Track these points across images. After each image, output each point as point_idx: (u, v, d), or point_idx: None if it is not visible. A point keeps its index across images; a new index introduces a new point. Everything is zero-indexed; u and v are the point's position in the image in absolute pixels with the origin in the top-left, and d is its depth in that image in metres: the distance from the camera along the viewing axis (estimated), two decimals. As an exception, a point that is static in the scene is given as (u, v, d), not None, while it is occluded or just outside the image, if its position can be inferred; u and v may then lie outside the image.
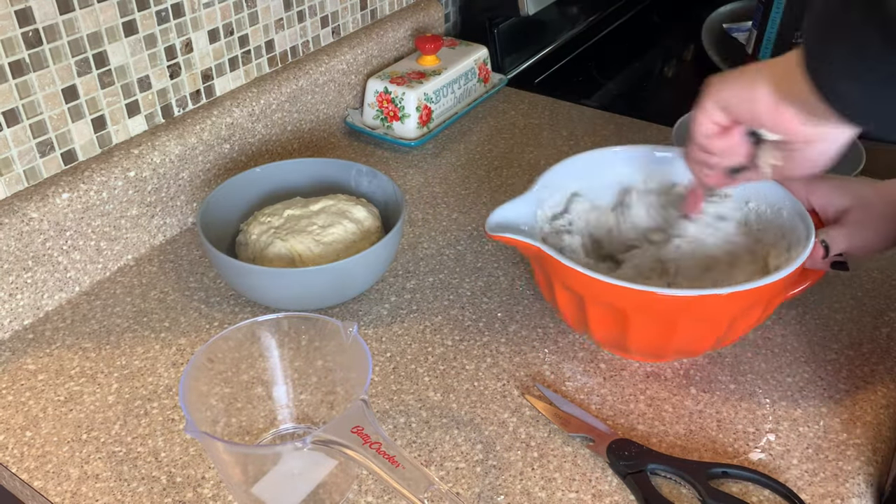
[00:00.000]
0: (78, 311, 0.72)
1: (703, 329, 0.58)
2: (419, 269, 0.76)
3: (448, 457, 0.57)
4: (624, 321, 0.57)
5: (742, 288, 0.54)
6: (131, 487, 0.56)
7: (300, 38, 0.94)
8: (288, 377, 0.59)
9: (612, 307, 0.57)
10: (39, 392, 0.63)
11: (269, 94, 0.89)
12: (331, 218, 0.72)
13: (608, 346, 0.65)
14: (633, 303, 0.55)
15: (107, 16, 0.71)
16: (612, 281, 0.54)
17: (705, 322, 0.57)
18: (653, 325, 0.57)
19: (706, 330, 0.58)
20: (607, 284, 0.55)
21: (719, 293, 0.54)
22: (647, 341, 0.59)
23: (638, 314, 0.56)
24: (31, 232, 0.68)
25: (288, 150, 0.94)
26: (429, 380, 0.64)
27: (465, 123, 1.02)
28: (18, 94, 0.67)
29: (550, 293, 0.62)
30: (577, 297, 0.58)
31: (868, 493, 0.55)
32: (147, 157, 0.76)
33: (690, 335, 0.58)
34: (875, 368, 0.64)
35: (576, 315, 0.61)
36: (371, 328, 0.69)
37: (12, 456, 0.58)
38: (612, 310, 0.57)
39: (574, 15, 1.29)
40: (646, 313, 0.56)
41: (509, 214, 0.62)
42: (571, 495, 0.54)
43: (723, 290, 0.54)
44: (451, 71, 1.00)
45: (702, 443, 0.58)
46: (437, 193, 0.88)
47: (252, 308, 0.72)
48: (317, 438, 0.46)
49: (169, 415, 0.61)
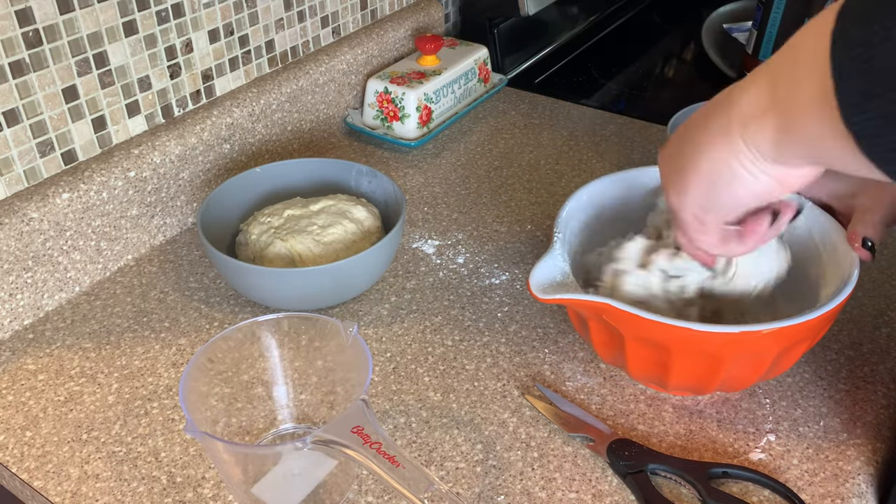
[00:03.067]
0: (78, 311, 0.72)
1: (749, 364, 0.55)
2: (419, 269, 0.76)
3: (448, 457, 0.57)
4: (667, 359, 0.55)
5: (799, 321, 0.51)
6: (131, 487, 0.56)
7: (300, 38, 0.94)
8: (288, 377, 0.59)
9: (700, 354, 0.53)
10: (39, 392, 0.63)
11: (269, 95, 0.89)
12: (331, 218, 0.72)
13: (645, 381, 0.63)
14: (675, 339, 0.52)
15: (107, 16, 0.71)
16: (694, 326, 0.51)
17: (751, 357, 0.54)
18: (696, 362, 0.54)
19: (752, 365, 0.55)
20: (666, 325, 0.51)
21: (765, 329, 0.51)
22: (688, 378, 0.57)
23: (681, 353, 0.54)
24: (31, 232, 0.68)
25: (288, 150, 0.94)
26: (429, 380, 0.64)
27: (465, 123, 1.02)
28: (18, 94, 0.67)
29: (586, 329, 0.59)
30: (656, 346, 0.54)
31: (868, 493, 0.55)
32: (147, 157, 0.76)
33: (736, 371, 0.55)
34: (875, 368, 0.64)
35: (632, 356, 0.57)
36: (371, 328, 0.69)
37: (12, 456, 0.58)
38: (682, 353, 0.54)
39: (574, 15, 1.29)
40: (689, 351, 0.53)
41: (546, 272, 0.57)
42: (571, 495, 0.54)
43: (769, 326, 0.51)
44: (451, 71, 1.00)
45: (702, 443, 0.58)
46: (437, 193, 0.88)
47: (252, 308, 0.72)
48: (317, 438, 0.46)
49: (169, 415, 0.61)
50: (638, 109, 1.05)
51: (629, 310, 0.52)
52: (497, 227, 0.82)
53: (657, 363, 0.56)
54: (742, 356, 0.53)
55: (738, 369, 0.55)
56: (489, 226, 0.82)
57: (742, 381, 0.57)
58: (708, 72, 1.19)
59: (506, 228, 0.82)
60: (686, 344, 0.53)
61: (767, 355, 0.54)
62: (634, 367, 0.58)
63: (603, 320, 0.55)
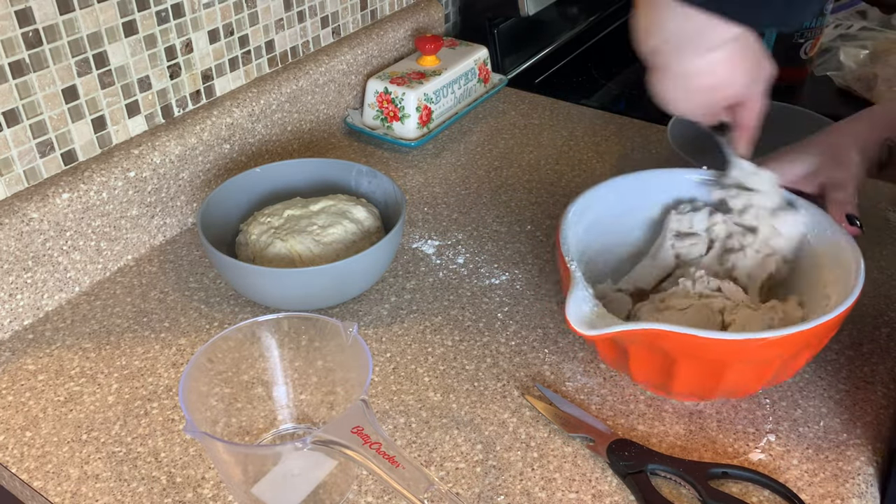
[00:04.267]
0: (78, 312, 0.72)
1: (753, 371, 0.55)
2: (419, 269, 0.76)
3: (448, 457, 0.57)
4: (672, 367, 0.55)
5: (804, 327, 0.51)
6: (131, 488, 0.56)
7: (300, 39, 0.94)
8: (288, 377, 0.59)
9: (708, 361, 0.53)
10: (39, 392, 0.63)
11: (269, 95, 0.89)
12: (331, 218, 0.72)
13: (650, 387, 0.62)
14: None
15: (107, 16, 0.71)
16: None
17: (756, 364, 0.54)
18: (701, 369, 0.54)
19: (756, 372, 0.55)
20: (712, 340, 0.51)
21: (771, 336, 0.51)
22: (693, 384, 0.57)
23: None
24: (31, 232, 0.68)
25: (288, 151, 0.94)
26: (429, 380, 0.64)
27: (465, 123, 1.02)
28: (18, 94, 0.67)
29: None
30: (660, 352, 0.54)
31: (868, 493, 0.55)
32: (147, 158, 0.76)
33: (739, 378, 0.55)
34: (875, 368, 0.64)
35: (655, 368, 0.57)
36: (371, 328, 0.69)
37: (12, 456, 0.58)
38: (706, 363, 0.54)
39: (574, 15, 1.29)
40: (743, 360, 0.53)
41: (579, 308, 0.55)
42: (571, 495, 0.54)
43: (775, 333, 0.51)
44: (451, 71, 1.00)
45: (702, 443, 0.58)
46: (437, 193, 0.88)
47: (252, 308, 0.72)
48: (317, 438, 0.46)
49: (169, 415, 0.61)
50: (638, 109, 1.05)
51: (686, 331, 0.51)
52: (497, 227, 0.82)
53: (661, 369, 0.56)
54: (747, 363, 0.53)
55: (742, 376, 0.54)
56: (489, 226, 0.82)
57: (746, 387, 0.57)
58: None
59: (506, 228, 0.82)
60: (691, 350, 0.52)
61: (772, 362, 0.54)
62: (637, 372, 0.58)
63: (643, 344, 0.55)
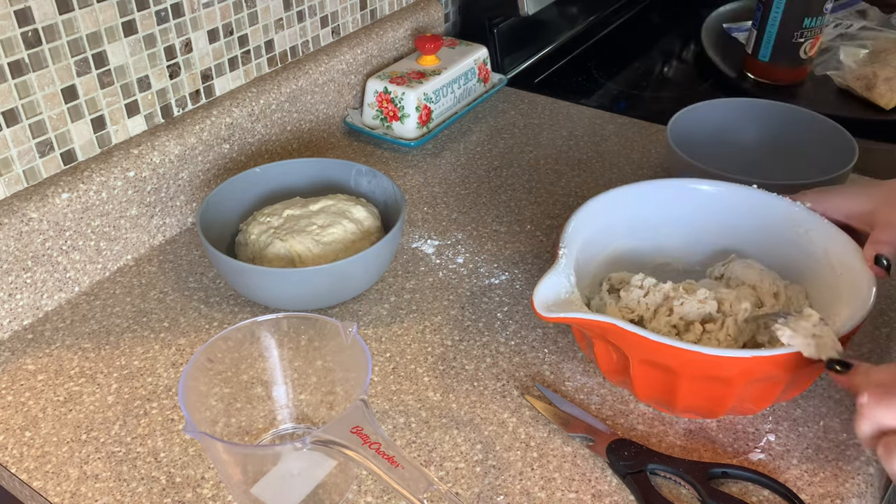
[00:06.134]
0: (77, 312, 0.72)
1: (760, 389, 0.54)
2: (419, 269, 0.76)
3: (448, 457, 0.57)
4: (673, 383, 0.54)
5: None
6: (131, 487, 0.56)
7: (300, 38, 0.94)
8: (287, 377, 0.59)
9: (711, 378, 0.52)
10: (39, 392, 0.63)
11: (268, 94, 0.89)
12: (330, 218, 0.72)
13: (652, 403, 0.61)
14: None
15: (106, 16, 0.71)
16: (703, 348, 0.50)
17: (763, 382, 0.53)
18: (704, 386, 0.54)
19: (763, 390, 0.54)
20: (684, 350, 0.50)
21: (773, 354, 0.50)
22: (696, 402, 0.56)
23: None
24: (31, 232, 0.68)
25: (288, 150, 0.94)
26: (428, 380, 0.64)
27: (464, 123, 1.02)
28: (18, 94, 0.67)
29: (591, 349, 0.58)
30: (665, 370, 0.53)
31: (868, 493, 0.55)
32: (147, 157, 0.76)
33: (748, 396, 0.54)
34: (875, 368, 0.64)
35: (658, 385, 0.56)
36: (371, 328, 0.69)
37: (12, 456, 0.58)
38: (710, 380, 0.53)
39: (574, 15, 1.29)
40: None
41: (551, 289, 0.55)
42: (571, 495, 0.54)
43: (781, 351, 0.50)
44: (450, 71, 1.00)
45: (702, 443, 0.58)
46: (437, 193, 0.88)
47: (252, 308, 0.72)
48: (316, 438, 0.46)
49: (168, 415, 0.61)
50: (638, 109, 1.05)
51: (635, 330, 0.51)
52: (497, 227, 0.82)
53: (663, 386, 0.55)
54: (753, 381, 0.52)
55: (749, 394, 0.54)
56: (489, 226, 0.82)
57: (754, 405, 0.56)
58: (708, 72, 1.19)
59: (505, 228, 0.82)
60: (693, 367, 0.52)
61: (779, 380, 0.53)
62: (641, 390, 0.57)
63: (608, 341, 0.55)
